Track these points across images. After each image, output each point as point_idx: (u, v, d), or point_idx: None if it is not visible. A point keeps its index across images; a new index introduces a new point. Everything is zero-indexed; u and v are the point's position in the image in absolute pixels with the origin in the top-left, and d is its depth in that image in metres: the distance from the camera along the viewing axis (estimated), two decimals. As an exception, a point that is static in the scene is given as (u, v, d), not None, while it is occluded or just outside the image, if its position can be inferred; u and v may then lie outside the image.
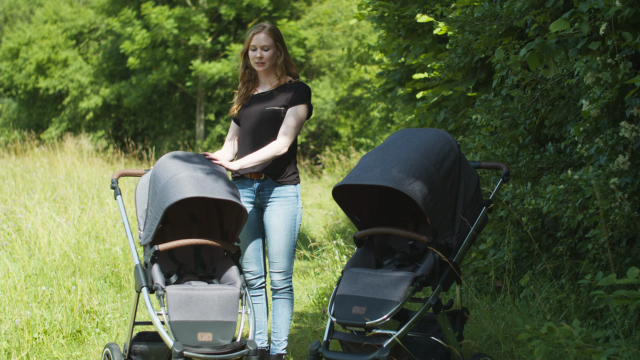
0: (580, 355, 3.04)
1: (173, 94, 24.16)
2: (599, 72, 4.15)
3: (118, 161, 14.31)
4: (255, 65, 4.50)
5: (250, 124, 4.52)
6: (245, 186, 4.54)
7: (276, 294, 4.56)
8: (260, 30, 4.47)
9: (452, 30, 6.04)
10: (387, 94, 9.36)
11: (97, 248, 7.07)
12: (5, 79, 24.49)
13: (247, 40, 4.50)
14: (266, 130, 4.47)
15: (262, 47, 4.47)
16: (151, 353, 4.20)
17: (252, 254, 4.56)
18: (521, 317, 4.66)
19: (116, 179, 4.43)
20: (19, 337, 4.97)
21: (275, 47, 4.50)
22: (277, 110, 4.48)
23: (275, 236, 4.49)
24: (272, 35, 4.48)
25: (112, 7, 23.76)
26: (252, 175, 4.51)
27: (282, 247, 4.49)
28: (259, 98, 4.55)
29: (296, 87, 4.51)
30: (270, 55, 4.48)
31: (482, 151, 5.58)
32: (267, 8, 22.80)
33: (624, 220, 4.01)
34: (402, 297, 3.59)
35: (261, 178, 4.51)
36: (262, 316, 4.61)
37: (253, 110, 4.52)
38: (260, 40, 4.47)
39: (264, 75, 4.58)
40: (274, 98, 4.50)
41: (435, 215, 3.70)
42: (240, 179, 4.55)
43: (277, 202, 4.50)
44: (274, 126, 4.47)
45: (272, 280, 4.55)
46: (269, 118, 4.47)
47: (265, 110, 4.48)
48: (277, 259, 4.51)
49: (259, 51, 4.48)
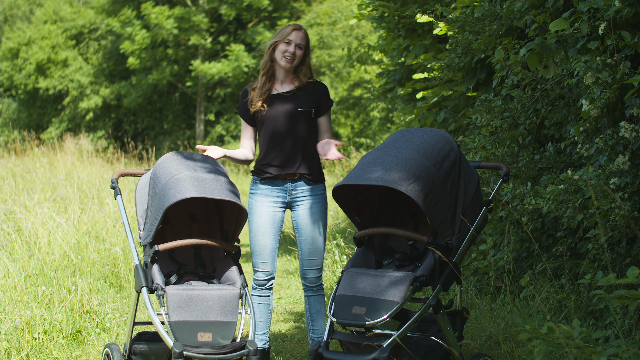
0: (580, 355, 3.04)
1: (173, 94, 24.16)
2: (598, 72, 4.15)
3: (118, 161, 14.31)
4: (284, 59, 4.50)
5: (282, 124, 4.52)
6: (277, 186, 4.55)
7: (311, 291, 4.59)
8: (301, 29, 4.52)
9: (452, 30, 6.04)
10: (387, 94, 9.36)
11: (97, 248, 7.07)
12: (5, 79, 24.50)
13: (284, 34, 4.50)
14: (302, 130, 4.52)
15: (298, 44, 4.50)
16: (151, 353, 4.20)
17: (270, 254, 4.57)
18: (521, 317, 4.66)
19: (116, 179, 4.43)
20: (19, 337, 4.97)
21: (305, 49, 4.55)
22: (308, 111, 4.52)
23: (310, 234, 4.53)
24: (307, 37, 4.56)
25: (112, 7, 23.77)
26: (287, 175, 4.53)
27: (318, 244, 4.54)
28: (283, 98, 4.55)
29: (320, 87, 4.59)
30: (301, 55, 4.52)
31: (482, 151, 5.58)
32: (267, 8, 22.81)
33: (624, 220, 4.01)
34: (402, 297, 3.59)
35: (295, 178, 4.54)
36: (267, 317, 4.61)
37: (282, 111, 4.52)
38: (299, 38, 4.50)
39: (284, 73, 4.57)
40: (300, 98, 4.53)
41: (435, 216, 3.70)
42: (271, 179, 4.55)
43: (310, 200, 4.54)
44: (307, 126, 4.52)
45: (308, 278, 4.57)
46: (302, 118, 4.51)
47: (298, 111, 4.51)
48: (313, 256, 4.55)
49: (293, 46, 4.49)
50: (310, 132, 4.55)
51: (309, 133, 4.54)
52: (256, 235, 4.56)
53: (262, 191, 4.56)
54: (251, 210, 4.57)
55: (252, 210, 4.57)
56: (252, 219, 4.56)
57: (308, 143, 4.54)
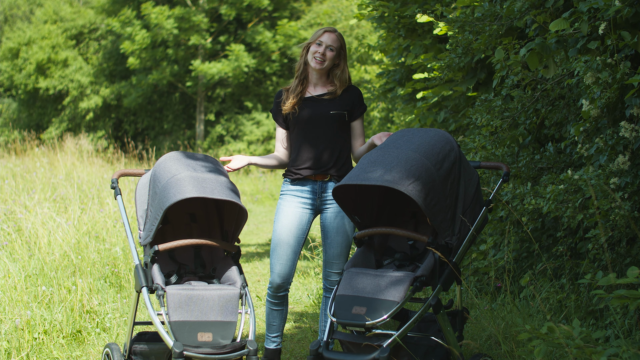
0: (580, 355, 3.04)
1: (173, 94, 24.16)
2: (598, 71, 4.15)
3: (118, 161, 14.31)
4: (314, 60, 4.47)
5: (314, 126, 4.47)
6: (306, 187, 4.47)
7: (330, 292, 4.48)
8: (333, 31, 4.49)
9: (452, 30, 6.04)
10: (387, 94, 9.36)
11: (97, 248, 7.07)
12: (5, 79, 24.50)
13: (316, 36, 4.48)
14: (334, 133, 4.46)
15: (329, 46, 4.46)
16: (151, 353, 4.20)
17: (290, 256, 4.44)
18: (521, 317, 4.66)
19: (116, 179, 4.43)
20: (19, 337, 4.97)
21: (339, 52, 4.49)
22: (342, 114, 4.47)
23: (338, 238, 4.45)
24: (341, 40, 4.50)
25: (112, 7, 23.77)
26: (317, 176, 4.47)
27: (344, 248, 4.47)
28: (317, 101, 4.50)
29: (354, 91, 4.54)
30: (332, 57, 4.47)
31: (482, 151, 5.58)
32: (267, 8, 22.81)
33: (624, 220, 4.01)
34: (402, 297, 3.59)
35: (325, 179, 4.48)
36: (280, 321, 4.53)
37: (314, 113, 4.47)
38: (330, 40, 4.46)
39: (316, 76, 4.52)
40: (332, 101, 4.48)
41: (435, 216, 3.70)
42: (301, 180, 4.47)
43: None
44: (339, 129, 4.48)
45: (331, 281, 4.48)
46: (334, 121, 4.46)
47: (331, 114, 4.46)
48: (338, 260, 4.47)
49: (323, 48, 4.46)
50: (343, 135, 4.49)
51: (342, 136, 4.48)
52: (280, 232, 4.42)
53: (291, 192, 4.47)
54: (279, 210, 4.48)
55: (280, 209, 4.47)
56: (278, 217, 4.45)
57: (340, 146, 4.47)
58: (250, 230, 11.55)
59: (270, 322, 4.53)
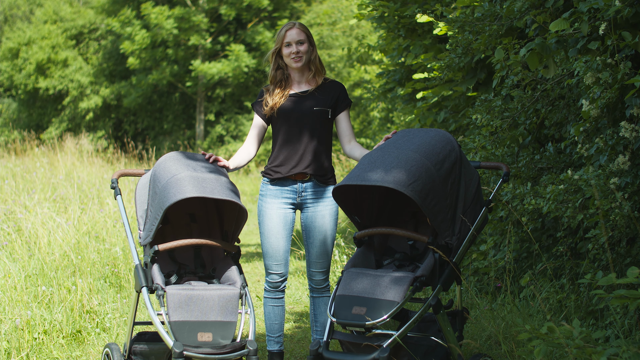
0: (580, 355, 3.04)
1: (173, 94, 24.16)
2: (598, 72, 4.15)
3: (118, 161, 14.31)
4: (292, 61, 4.45)
5: (296, 123, 4.46)
6: (286, 187, 4.48)
7: (316, 292, 4.54)
8: (292, 27, 4.46)
9: (452, 30, 6.04)
10: (387, 94, 9.36)
11: (97, 248, 7.07)
12: (5, 79, 24.50)
13: (280, 39, 4.47)
14: (316, 130, 4.45)
15: (297, 41, 4.44)
16: (151, 353, 4.20)
17: (283, 256, 4.51)
18: (521, 317, 4.66)
19: (116, 179, 4.43)
20: (19, 337, 4.96)
21: (308, 41, 4.48)
22: (324, 110, 4.47)
23: (320, 237, 4.48)
24: (304, 30, 4.48)
25: (112, 7, 23.78)
26: (297, 176, 4.47)
27: (327, 247, 4.49)
28: (300, 97, 4.49)
29: (337, 86, 4.53)
30: (305, 49, 4.46)
31: (482, 151, 5.58)
32: (267, 8, 22.81)
33: (624, 220, 4.01)
34: (402, 297, 3.59)
35: (306, 179, 4.48)
36: (281, 319, 4.56)
37: (297, 110, 4.46)
38: (294, 36, 4.44)
39: (298, 73, 4.52)
40: (316, 97, 4.48)
41: (435, 216, 3.69)
42: (281, 180, 4.48)
43: (321, 202, 4.47)
44: (322, 125, 4.47)
45: (315, 280, 4.52)
46: (318, 118, 4.46)
47: (314, 110, 4.45)
48: (321, 259, 4.50)
49: (294, 46, 4.44)
50: (325, 132, 4.49)
51: (323, 133, 4.48)
52: (268, 237, 4.48)
53: (271, 192, 4.48)
54: (261, 212, 4.50)
55: (263, 212, 4.50)
56: (263, 220, 4.49)
57: (321, 143, 4.47)
58: (250, 230, 11.55)
59: (272, 322, 4.54)
